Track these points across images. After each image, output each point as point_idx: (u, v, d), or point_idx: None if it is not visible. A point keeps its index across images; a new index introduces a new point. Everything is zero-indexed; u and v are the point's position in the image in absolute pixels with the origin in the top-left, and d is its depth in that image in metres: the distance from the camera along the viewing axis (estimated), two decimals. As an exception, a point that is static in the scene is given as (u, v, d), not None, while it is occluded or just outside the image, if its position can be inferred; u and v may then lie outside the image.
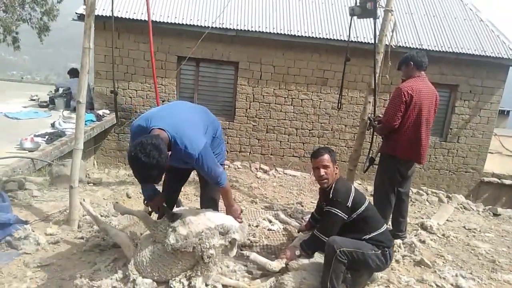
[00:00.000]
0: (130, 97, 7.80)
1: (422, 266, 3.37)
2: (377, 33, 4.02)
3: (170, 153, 2.24)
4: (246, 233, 2.75)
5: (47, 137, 5.61)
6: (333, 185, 2.74)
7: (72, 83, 8.06)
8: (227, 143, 7.93)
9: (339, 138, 8.24)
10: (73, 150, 3.45)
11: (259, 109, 7.99)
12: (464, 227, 4.62)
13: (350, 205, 2.64)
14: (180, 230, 2.50)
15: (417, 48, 7.52)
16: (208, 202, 2.95)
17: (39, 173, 4.74)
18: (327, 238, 2.62)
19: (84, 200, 3.20)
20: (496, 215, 5.39)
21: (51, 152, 5.10)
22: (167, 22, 7.33)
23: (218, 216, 2.71)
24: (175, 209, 3.11)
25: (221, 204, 2.94)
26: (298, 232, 3.41)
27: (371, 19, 3.95)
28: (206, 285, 2.50)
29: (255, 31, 7.47)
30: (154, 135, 2.19)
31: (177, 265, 2.51)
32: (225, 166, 3.09)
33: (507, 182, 8.48)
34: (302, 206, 4.85)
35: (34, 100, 9.29)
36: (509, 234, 4.48)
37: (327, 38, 7.55)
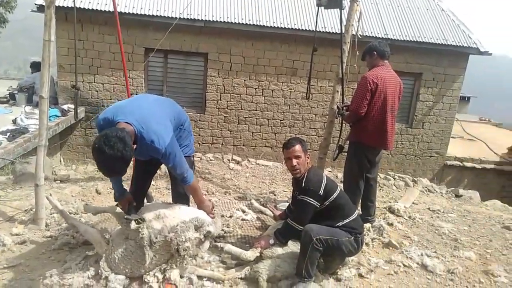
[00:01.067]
0: (97, 91, 7.57)
1: (390, 248, 3.52)
2: (344, 23, 4.09)
3: (135, 146, 2.22)
4: (219, 226, 2.77)
5: (8, 134, 5.38)
6: (305, 175, 2.79)
7: (36, 77, 7.72)
8: (199, 135, 7.87)
9: (310, 127, 8.36)
10: (37, 146, 3.33)
11: (230, 101, 7.97)
12: (429, 208, 4.84)
13: (322, 193, 2.70)
14: (154, 225, 2.48)
15: (382, 37, 7.71)
16: (179, 197, 2.97)
17: (1, 172, 4.55)
18: (301, 227, 2.68)
19: (51, 195, 3.10)
20: (458, 196, 5.68)
21: (14, 149, 4.89)
22: (133, 13, 7.12)
23: (191, 210, 2.72)
24: (146, 203, 3.09)
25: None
26: (274, 220, 3.45)
27: (338, 9, 4.02)
28: (181, 277, 2.51)
29: (224, 21, 7.40)
30: (120, 128, 2.16)
31: (151, 260, 2.49)
32: (197, 158, 3.08)
33: (468, 165, 8.93)
34: (275, 195, 4.92)
35: (-7, 96, 8.83)
36: (470, 214, 4.74)
37: (295, 29, 7.60)
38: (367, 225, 3.76)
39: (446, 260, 3.37)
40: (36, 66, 8.10)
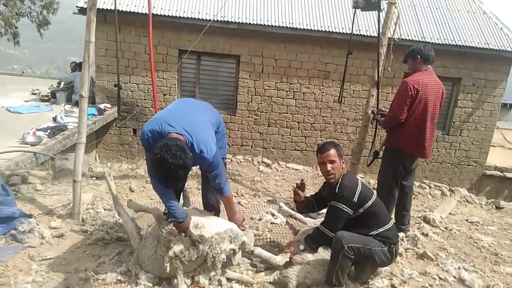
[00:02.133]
0: (132, 91, 7.79)
1: (425, 259, 3.38)
2: (381, 26, 3.99)
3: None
4: (252, 238, 2.74)
5: (49, 131, 5.61)
6: (340, 180, 2.71)
7: (75, 76, 8.04)
8: (229, 137, 7.93)
9: (341, 132, 8.22)
10: (76, 144, 3.45)
11: (260, 103, 7.97)
12: (467, 220, 4.62)
13: (356, 200, 2.62)
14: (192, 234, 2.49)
15: (420, 41, 7.47)
16: (208, 205, 3.00)
17: (42, 167, 4.75)
18: (332, 234, 2.61)
19: (110, 175, 3.12)
20: (498, 208, 5.39)
21: (54, 146, 5.11)
22: (168, 15, 7.28)
23: (225, 222, 2.73)
24: (182, 202, 3.11)
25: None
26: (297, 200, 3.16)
27: (375, 11, 3.93)
28: (210, 279, 2.51)
29: (257, 24, 7.42)
30: (177, 138, 2.21)
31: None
32: (227, 160, 3.09)
33: (509, 175, 8.47)
34: (305, 199, 4.85)
35: (35, 94, 9.29)
36: (512, 227, 4.49)
37: (329, 31, 7.50)
38: (401, 234, 3.62)
39: (486, 275, 3.20)
40: (76, 66, 8.43)
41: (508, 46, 7.79)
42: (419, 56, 3.50)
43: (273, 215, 4.01)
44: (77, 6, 7.14)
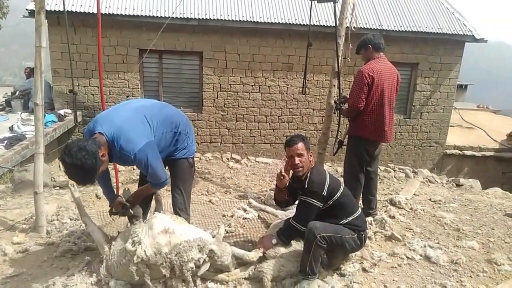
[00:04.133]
0: (92, 95, 7.54)
1: (393, 240, 3.51)
2: (337, 17, 4.06)
3: (104, 153, 2.28)
4: (227, 251, 2.66)
5: (6, 141, 5.36)
6: (308, 174, 2.73)
7: (31, 82, 7.67)
8: (197, 134, 7.84)
9: (308, 122, 8.34)
10: (35, 154, 3.31)
11: (227, 98, 7.94)
12: (430, 199, 4.82)
13: (325, 194, 2.66)
14: (160, 239, 2.43)
15: (377, 29, 7.68)
16: (178, 202, 2.92)
17: (0, 181, 4.52)
18: (303, 228, 2.65)
19: (73, 186, 2.99)
20: (458, 185, 5.68)
21: (12, 157, 4.87)
22: (126, 14, 7.07)
23: (196, 230, 2.70)
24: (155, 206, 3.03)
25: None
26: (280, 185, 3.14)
27: (331, 2, 3.99)
28: (184, 281, 2.49)
29: (218, 19, 7.36)
30: (85, 138, 2.31)
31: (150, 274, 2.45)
32: (196, 158, 3.04)
33: (468, 153, 8.93)
34: (276, 192, 4.90)
35: (-12, 103, 8.79)
36: (471, 203, 4.73)
37: (289, 23, 7.55)
38: (369, 218, 3.75)
39: (449, 251, 3.36)
40: (29, 72, 8.04)
41: (460, 30, 8.14)
42: (370, 46, 3.62)
43: (244, 210, 4.03)
44: (27, 9, 6.80)
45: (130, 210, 2.68)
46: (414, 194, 5.04)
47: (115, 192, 2.87)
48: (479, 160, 8.98)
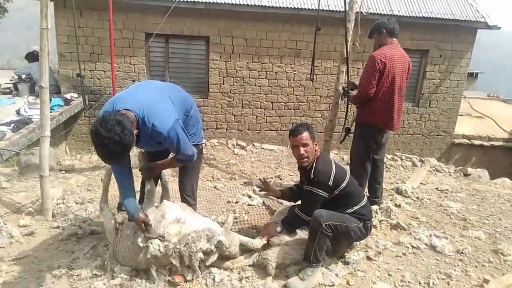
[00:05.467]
0: (99, 79, 7.51)
1: (398, 229, 3.49)
2: (347, 0, 3.96)
3: (136, 131, 2.16)
4: (235, 242, 2.67)
5: (13, 125, 5.35)
6: (314, 164, 2.68)
7: (31, 67, 7.65)
8: (203, 120, 7.80)
9: (315, 110, 8.26)
10: (40, 137, 3.31)
11: (233, 84, 7.87)
12: (437, 188, 4.78)
13: (331, 184, 2.63)
14: (171, 229, 2.44)
15: (388, 14, 7.50)
16: (185, 188, 2.91)
17: (7, 164, 4.56)
18: (308, 218, 2.63)
19: (110, 170, 2.80)
20: (466, 175, 5.61)
21: (18, 140, 4.88)
22: (132, -3, 6.97)
23: (205, 220, 2.70)
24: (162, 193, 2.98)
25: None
26: (277, 198, 3.23)
27: (341, -14, 3.88)
28: (189, 267, 2.50)
29: (225, 3, 7.22)
30: (118, 112, 2.13)
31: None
32: (202, 144, 2.98)
33: (476, 142, 8.80)
34: (281, 179, 4.89)
35: (-5, 87, 8.80)
36: (479, 193, 4.68)
37: (298, 8, 7.40)
38: (375, 207, 3.73)
39: (455, 240, 3.35)
40: (31, 57, 7.96)
41: (473, 16, 7.93)
42: (384, 30, 3.51)
43: (249, 197, 4.02)
44: (32, -9, 6.73)
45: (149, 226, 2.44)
46: (421, 183, 5.00)
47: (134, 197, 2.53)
48: (488, 150, 8.85)
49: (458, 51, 8.28)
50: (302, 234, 2.81)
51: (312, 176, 2.64)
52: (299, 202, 2.97)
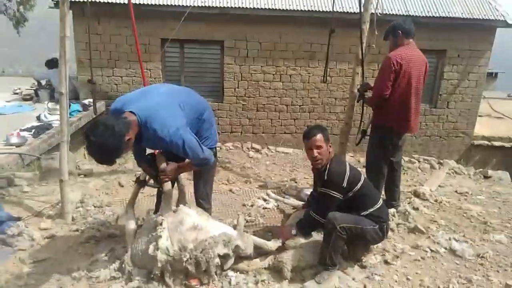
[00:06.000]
0: (116, 84, 7.65)
1: (416, 233, 3.43)
2: (362, 1, 3.93)
3: (129, 137, 2.16)
4: (250, 243, 2.67)
5: (33, 130, 5.50)
6: (328, 166, 2.67)
7: (51, 74, 7.85)
8: (218, 124, 7.84)
9: (330, 112, 8.21)
10: (60, 142, 3.39)
11: (247, 88, 7.89)
12: (456, 191, 4.68)
13: (345, 185, 2.61)
14: (188, 235, 2.46)
15: (403, 15, 7.41)
16: (200, 192, 2.91)
17: (28, 168, 4.67)
18: (323, 220, 2.62)
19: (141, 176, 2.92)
20: (486, 177, 5.47)
21: (39, 145, 5.02)
22: (148, 3, 7.09)
23: (220, 225, 2.71)
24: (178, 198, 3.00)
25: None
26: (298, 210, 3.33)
27: (355, -13, 3.86)
28: (205, 270, 2.51)
29: (239, 7, 7.27)
30: (115, 117, 2.19)
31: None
32: (217, 148, 2.98)
33: (497, 144, 8.56)
34: (296, 182, 4.88)
35: (17, 93, 9.07)
36: (500, 195, 4.56)
37: (311, 10, 7.39)
38: (392, 210, 3.67)
39: (476, 244, 3.27)
40: (50, 64, 8.18)
41: (491, 14, 7.76)
42: (400, 32, 3.46)
43: (264, 200, 4.02)
44: (52, 0, 6.93)
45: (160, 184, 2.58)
46: (439, 186, 4.90)
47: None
48: (509, 151, 8.59)
49: (477, 51, 8.10)
50: (318, 237, 2.79)
51: (326, 177, 2.64)
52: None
